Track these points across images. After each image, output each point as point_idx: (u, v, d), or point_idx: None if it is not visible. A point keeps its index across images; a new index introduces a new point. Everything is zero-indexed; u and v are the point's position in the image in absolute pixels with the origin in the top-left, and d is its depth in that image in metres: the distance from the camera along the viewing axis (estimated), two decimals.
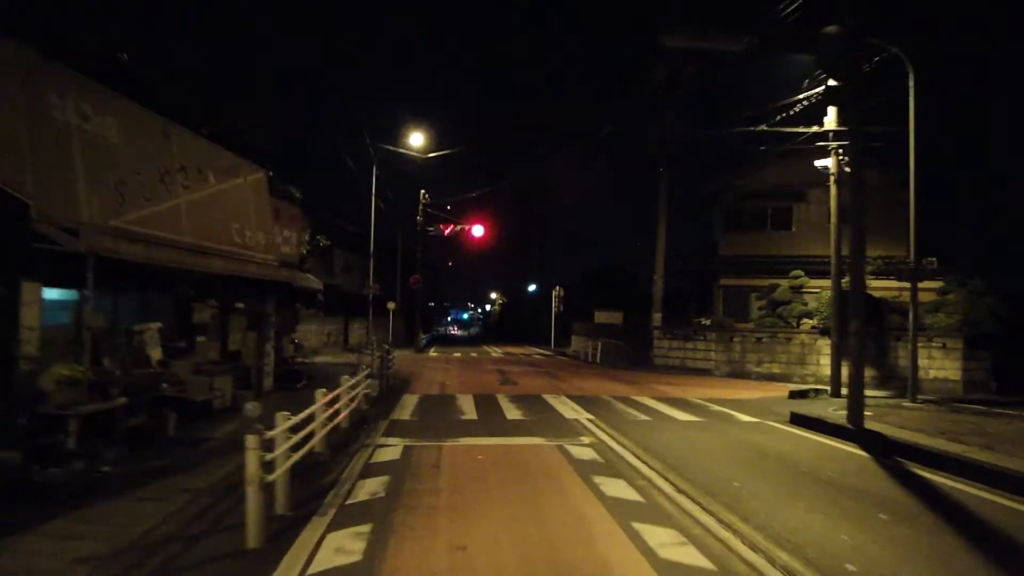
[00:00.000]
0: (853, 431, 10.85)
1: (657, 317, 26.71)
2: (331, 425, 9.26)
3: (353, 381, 11.33)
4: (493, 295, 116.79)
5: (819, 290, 24.91)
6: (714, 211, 29.89)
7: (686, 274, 29.26)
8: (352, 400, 11.23)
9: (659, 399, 15.58)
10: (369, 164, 37.04)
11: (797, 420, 12.57)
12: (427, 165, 38.10)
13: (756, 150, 31.10)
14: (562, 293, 43.50)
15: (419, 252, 36.68)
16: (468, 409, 13.15)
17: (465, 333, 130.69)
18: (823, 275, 25.63)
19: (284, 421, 6.35)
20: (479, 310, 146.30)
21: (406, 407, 13.35)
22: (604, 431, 10.82)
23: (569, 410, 13.26)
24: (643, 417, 12.65)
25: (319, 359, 29.22)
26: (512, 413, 12.73)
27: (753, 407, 14.59)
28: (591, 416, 12.42)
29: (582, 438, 10.16)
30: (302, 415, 7.22)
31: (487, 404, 14.03)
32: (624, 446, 9.61)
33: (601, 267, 66.09)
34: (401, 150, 35.89)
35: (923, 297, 19.93)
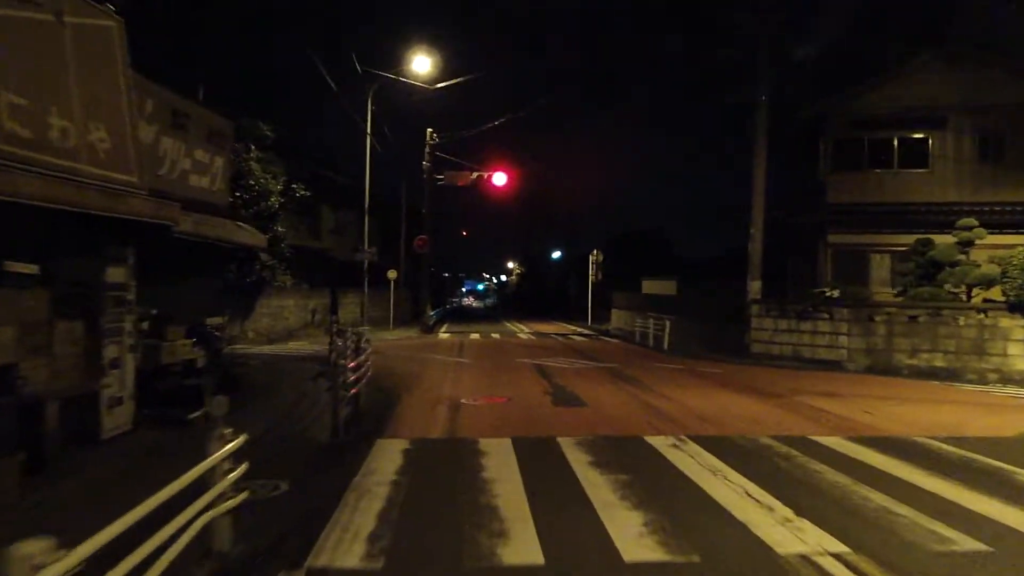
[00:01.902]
0: None
1: (756, 287, 19.08)
2: None
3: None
4: (510, 264, 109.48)
5: (996, 248, 17.28)
6: (819, 144, 22.09)
7: (779, 228, 21.59)
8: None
9: (867, 444, 8.03)
10: (365, 99, 29.47)
11: None
12: (437, 101, 30.44)
13: (881, 57, 23.32)
14: (601, 258, 35.91)
15: (427, 206, 29.09)
16: (509, 503, 5.59)
17: (481, 305, 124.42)
18: (989, 226, 18.02)
19: None
20: (495, 280, 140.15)
21: (366, 497, 5.82)
22: None
23: (743, 499, 5.72)
24: (946, 533, 5.13)
25: (292, 345, 21.91)
26: (617, 519, 5.19)
27: None
28: (825, 535, 4.88)
29: None
30: None
31: (547, 475, 6.48)
32: None
33: (632, 231, 58.33)
34: (403, 79, 28.29)
35: None
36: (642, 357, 19.04)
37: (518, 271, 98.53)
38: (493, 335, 27.76)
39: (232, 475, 4.27)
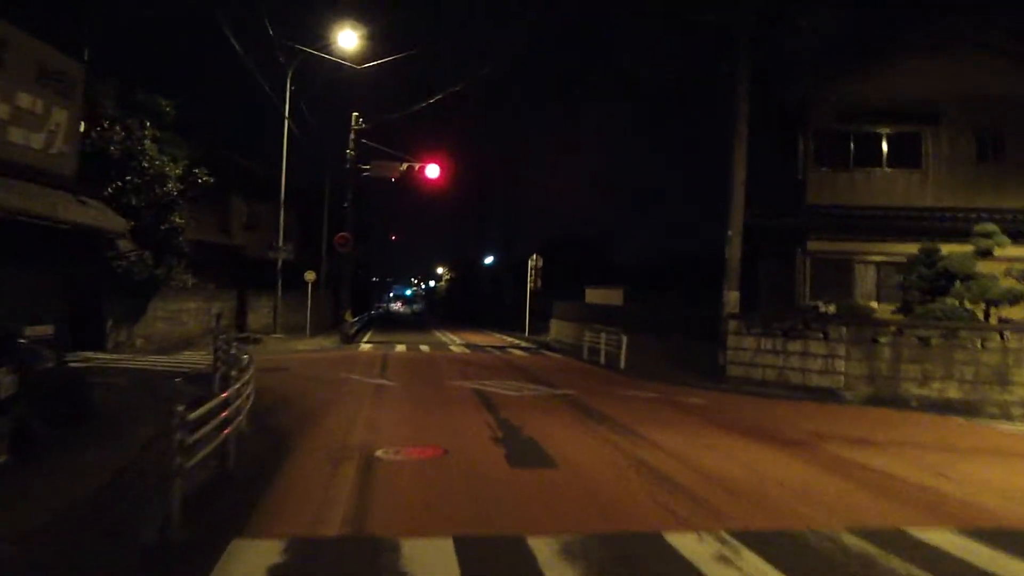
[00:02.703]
0: None
1: (733, 298, 16.31)
2: None
3: None
4: (440, 270, 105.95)
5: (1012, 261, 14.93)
6: (799, 136, 19.59)
7: (750, 232, 18.87)
8: None
9: (1002, 544, 5.15)
10: (286, 77, 25.81)
11: None
12: (368, 84, 27.08)
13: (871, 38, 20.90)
14: (540, 263, 32.96)
15: (349, 198, 25.57)
16: None
17: (409, 310, 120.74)
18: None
19: None
20: (423, 286, 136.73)
21: None
22: None
23: None
24: None
25: (186, 355, 18.19)
26: None
27: None
28: None
29: None
30: None
31: None
32: None
33: (570, 235, 55.60)
34: (327, 56, 24.89)
35: None
36: (600, 380, 16.01)
37: (448, 276, 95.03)
38: (422, 347, 24.38)
39: None
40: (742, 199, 16.58)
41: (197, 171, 21.12)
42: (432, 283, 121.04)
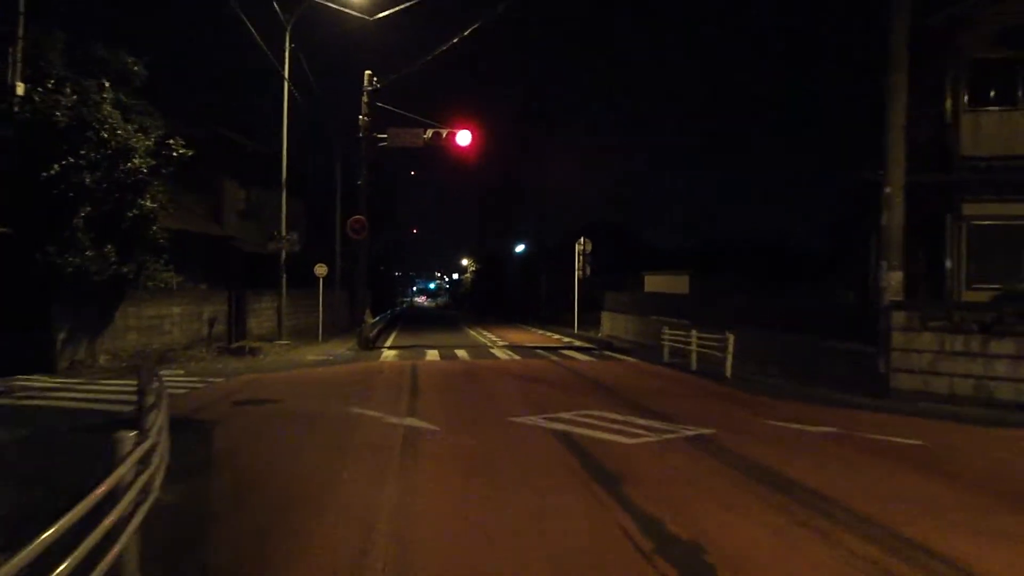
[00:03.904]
0: None
1: (896, 280, 11.60)
2: None
3: None
4: (464, 261, 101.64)
5: None
6: (946, 71, 14.89)
7: (870, 194, 14.11)
8: None
9: None
10: (285, 32, 21.49)
11: None
12: (379, 43, 22.64)
13: None
14: (589, 247, 28.38)
15: (363, 174, 21.18)
16: None
17: (433, 304, 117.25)
18: None
19: None
20: (446, 279, 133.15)
21: None
22: None
23: None
24: None
25: (166, 373, 13.91)
26: None
27: None
28: None
29: None
30: None
31: None
32: None
33: (599, 222, 50.89)
34: (332, 4, 20.67)
35: None
36: (721, 401, 11.41)
37: (473, 268, 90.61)
38: (458, 352, 19.94)
39: None
40: (902, 147, 11.90)
41: (172, 142, 16.87)
42: (455, 276, 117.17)
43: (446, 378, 13.89)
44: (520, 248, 57.41)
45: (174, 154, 16.87)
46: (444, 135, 20.50)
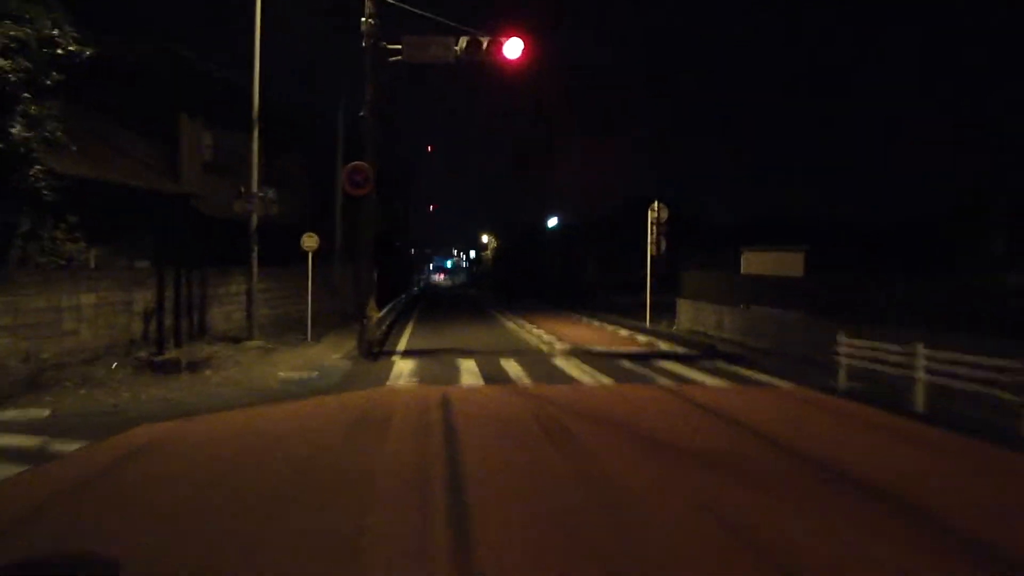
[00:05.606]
0: None
1: None
2: None
3: None
4: (485, 238, 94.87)
5: None
6: None
7: None
8: None
9: None
10: None
11: None
12: None
13: None
14: (665, 215, 21.72)
15: (367, 100, 14.51)
16: None
17: (450, 282, 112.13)
18: None
19: None
20: (463, 256, 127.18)
21: None
22: None
23: None
24: None
25: (9, 416, 7.46)
26: None
27: None
28: None
29: None
30: None
31: None
32: None
33: (644, 197, 44.21)
34: None
35: None
36: None
37: (495, 245, 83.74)
38: (504, 364, 13.33)
39: None
40: None
41: (58, 34, 10.44)
42: (473, 253, 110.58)
43: (507, 437, 7.16)
44: (553, 222, 50.50)
45: (58, 52, 10.46)
46: (485, 45, 13.94)
